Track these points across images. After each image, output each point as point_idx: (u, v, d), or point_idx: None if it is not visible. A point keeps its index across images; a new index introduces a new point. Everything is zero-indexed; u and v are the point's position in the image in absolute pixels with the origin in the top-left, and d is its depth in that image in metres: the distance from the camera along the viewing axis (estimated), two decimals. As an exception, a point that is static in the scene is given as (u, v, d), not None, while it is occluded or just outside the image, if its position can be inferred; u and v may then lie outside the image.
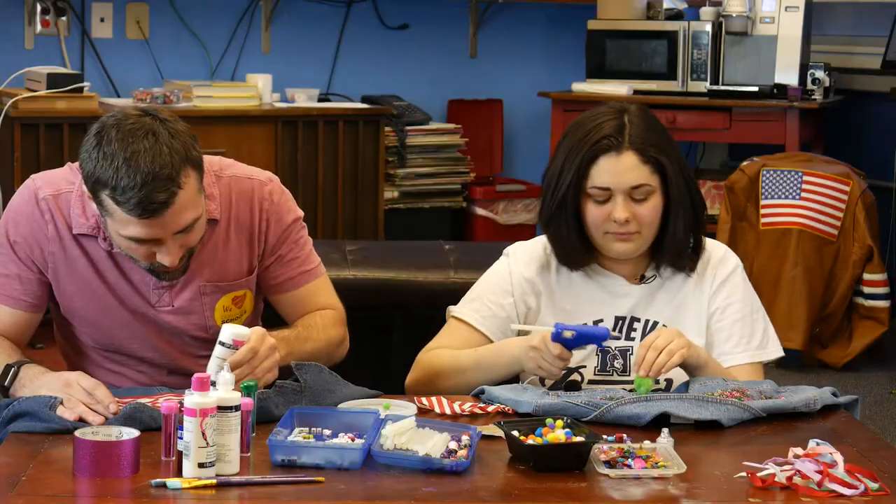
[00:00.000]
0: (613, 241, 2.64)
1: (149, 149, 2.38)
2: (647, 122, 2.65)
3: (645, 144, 2.61)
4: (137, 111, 2.46)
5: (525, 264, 2.74)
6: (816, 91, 5.98)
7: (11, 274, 2.61)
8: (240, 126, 5.61)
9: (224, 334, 2.42)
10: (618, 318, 2.70)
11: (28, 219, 2.61)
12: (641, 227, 2.63)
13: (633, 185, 2.61)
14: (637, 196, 2.61)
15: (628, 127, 2.62)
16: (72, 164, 2.66)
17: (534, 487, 2.11)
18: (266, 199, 2.68)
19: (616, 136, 2.61)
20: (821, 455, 2.16)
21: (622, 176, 2.60)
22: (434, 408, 2.48)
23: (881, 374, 5.53)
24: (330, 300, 2.77)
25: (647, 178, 2.61)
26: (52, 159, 5.02)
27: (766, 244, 5.55)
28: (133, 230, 2.44)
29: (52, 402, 2.32)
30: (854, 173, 5.56)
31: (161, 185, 2.38)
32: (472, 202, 6.33)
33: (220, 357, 2.41)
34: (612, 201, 2.61)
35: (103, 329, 2.66)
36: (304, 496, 2.06)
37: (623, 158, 2.60)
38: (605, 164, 2.61)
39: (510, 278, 2.74)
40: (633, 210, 2.61)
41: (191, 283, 2.64)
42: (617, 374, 2.68)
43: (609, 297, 2.71)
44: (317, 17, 6.37)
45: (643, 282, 2.72)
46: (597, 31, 6.28)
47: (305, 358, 2.59)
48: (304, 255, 2.73)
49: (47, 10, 5.85)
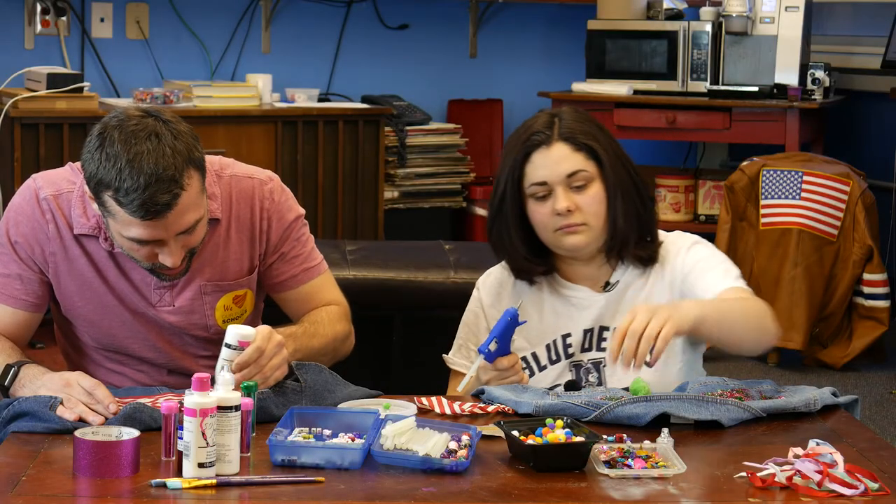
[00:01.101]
0: (563, 235, 2.63)
1: (152, 150, 2.38)
2: (578, 115, 2.66)
3: (574, 133, 2.62)
4: (140, 112, 2.45)
5: (492, 295, 2.75)
6: (816, 91, 5.98)
7: (12, 273, 2.62)
8: (240, 126, 5.61)
9: (229, 336, 2.42)
10: (586, 331, 2.70)
11: (29, 219, 2.61)
12: (587, 217, 2.62)
13: (567, 172, 2.61)
14: (575, 184, 2.61)
15: (558, 123, 2.63)
16: (72, 164, 2.66)
17: (534, 487, 2.11)
18: (267, 197, 2.68)
19: (545, 130, 2.62)
20: (821, 455, 2.16)
21: (555, 167, 2.61)
22: (434, 408, 2.48)
23: (881, 374, 5.53)
24: (334, 296, 2.78)
25: (581, 164, 2.62)
26: (52, 159, 5.03)
27: (766, 244, 5.55)
28: (135, 231, 2.44)
29: (53, 403, 2.32)
30: (854, 173, 5.56)
31: (164, 186, 2.38)
32: (472, 202, 6.33)
33: (227, 359, 2.41)
34: (552, 196, 2.61)
35: (104, 329, 2.66)
36: (304, 496, 2.06)
37: (553, 150, 2.61)
38: (537, 158, 2.61)
39: (483, 314, 2.75)
40: (573, 200, 2.61)
41: (192, 283, 2.64)
42: (593, 388, 2.66)
43: (575, 311, 2.70)
44: (317, 17, 6.37)
45: (607, 289, 2.71)
46: (597, 31, 6.28)
47: (313, 353, 2.60)
48: (306, 252, 2.74)
49: (47, 10, 5.85)
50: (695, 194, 6.28)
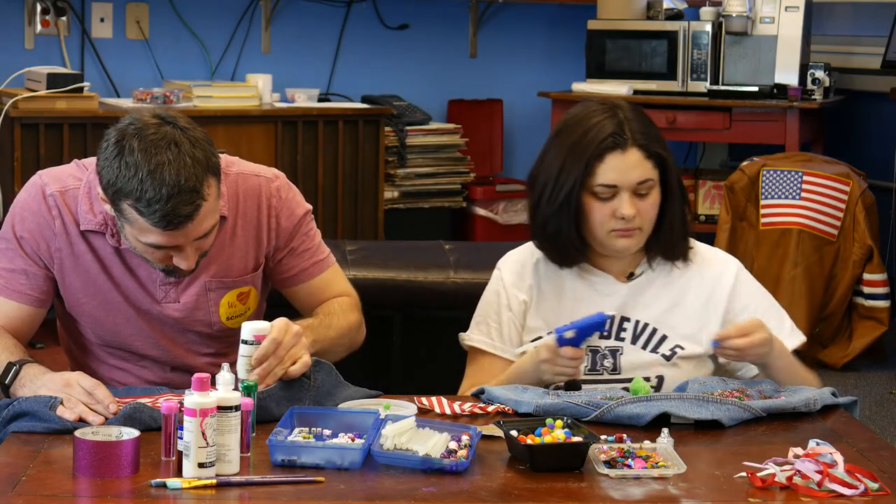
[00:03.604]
0: (617, 237, 2.65)
1: (173, 161, 2.38)
2: (642, 117, 2.67)
3: (648, 140, 2.63)
4: (156, 118, 2.44)
5: (514, 274, 2.76)
6: (816, 91, 5.98)
7: (18, 269, 2.62)
8: (240, 126, 5.61)
9: (244, 332, 2.43)
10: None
11: (35, 215, 2.61)
12: (643, 223, 2.64)
13: (638, 180, 2.62)
14: (641, 191, 2.63)
15: (627, 124, 2.63)
16: (77, 161, 2.67)
17: (533, 487, 2.11)
18: (274, 195, 2.69)
19: (619, 133, 2.62)
20: (821, 455, 2.16)
21: (628, 173, 2.61)
22: (434, 408, 2.48)
23: (881, 374, 5.53)
24: (343, 287, 2.79)
25: (650, 172, 2.63)
26: (52, 159, 5.02)
27: (766, 244, 5.55)
28: (154, 238, 2.45)
29: (52, 402, 2.32)
30: (854, 173, 5.56)
31: (186, 197, 2.38)
32: (472, 202, 6.33)
33: (246, 355, 2.42)
34: (616, 198, 2.62)
35: (107, 326, 2.66)
36: (304, 496, 2.06)
37: (628, 155, 2.62)
38: (611, 161, 2.61)
39: (505, 293, 2.75)
40: (637, 206, 2.62)
41: (196, 279, 2.65)
42: (607, 374, 2.68)
43: (597, 296, 2.71)
44: (317, 17, 6.37)
45: (631, 279, 2.73)
46: (597, 31, 6.28)
47: (331, 344, 2.62)
48: (314, 246, 2.76)
49: (47, 10, 5.85)
50: (695, 194, 6.28)
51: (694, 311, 2.71)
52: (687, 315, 2.69)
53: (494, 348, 2.74)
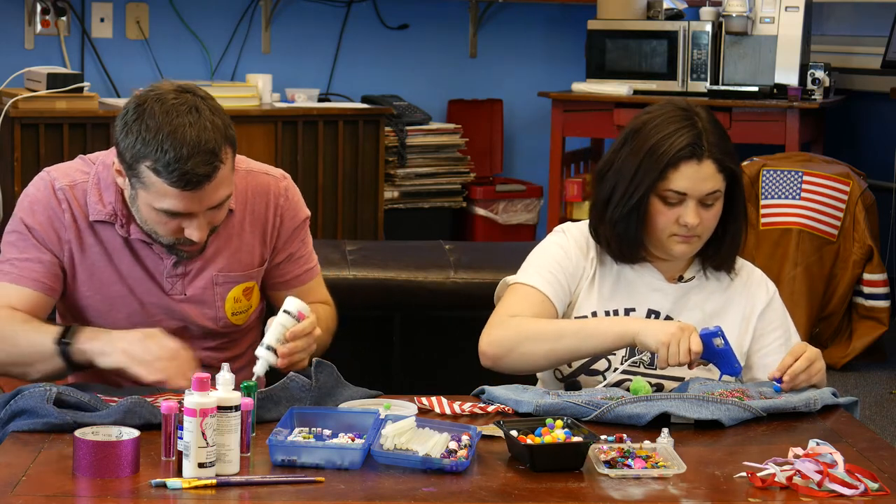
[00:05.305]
0: (676, 242, 2.67)
1: (193, 123, 2.44)
2: (719, 128, 2.68)
3: (722, 154, 2.65)
4: (175, 88, 2.51)
5: (581, 242, 2.76)
6: (816, 91, 5.98)
7: (32, 258, 2.63)
8: (240, 126, 5.52)
9: (290, 304, 2.50)
10: (650, 311, 2.72)
11: (45, 207, 2.63)
12: (703, 231, 2.67)
13: (708, 191, 2.64)
14: (707, 202, 2.65)
15: (705, 134, 2.64)
16: (83, 156, 2.71)
17: (533, 487, 2.11)
18: (282, 195, 2.72)
19: (697, 144, 2.63)
20: (821, 455, 2.16)
21: (700, 184, 2.63)
22: (434, 408, 2.48)
23: (881, 374, 5.53)
24: (325, 295, 2.84)
25: (719, 185, 2.66)
26: (52, 159, 4.98)
27: (766, 244, 5.55)
28: (169, 203, 2.48)
29: (49, 396, 2.32)
30: (854, 173, 5.56)
31: (205, 158, 2.44)
32: (472, 202, 6.34)
33: (285, 325, 2.48)
34: (682, 205, 2.64)
35: (110, 321, 2.66)
36: (304, 496, 2.06)
37: (703, 167, 2.63)
38: (685, 169, 2.62)
39: (568, 252, 2.74)
40: (701, 215, 2.64)
41: (204, 272, 2.66)
42: (644, 367, 2.68)
43: (646, 290, 2.73)
44: (317, 17, 6.37)
45: (680, 282, 2.74)
46: (597, 31, 6.29)
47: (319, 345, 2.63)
48: (308, 253, 2.80)
49: (47, 10, 5.85)
50: (695, 194, 6.27)
51: (733, 324, 2.72)
52: (726, 327, 2.68)
53: (550, 293, 2.69)
